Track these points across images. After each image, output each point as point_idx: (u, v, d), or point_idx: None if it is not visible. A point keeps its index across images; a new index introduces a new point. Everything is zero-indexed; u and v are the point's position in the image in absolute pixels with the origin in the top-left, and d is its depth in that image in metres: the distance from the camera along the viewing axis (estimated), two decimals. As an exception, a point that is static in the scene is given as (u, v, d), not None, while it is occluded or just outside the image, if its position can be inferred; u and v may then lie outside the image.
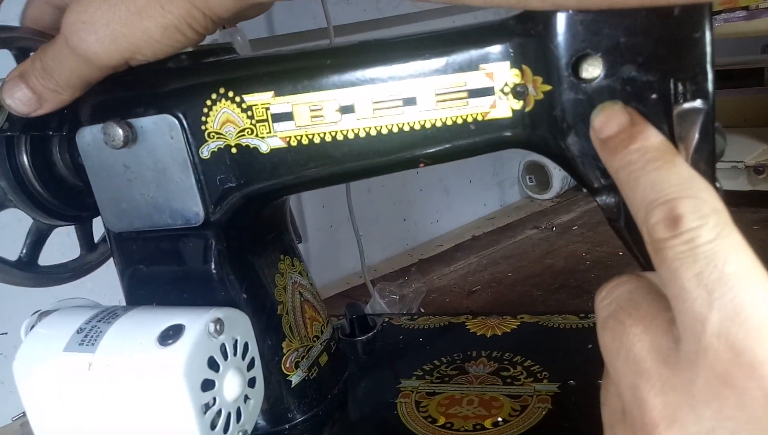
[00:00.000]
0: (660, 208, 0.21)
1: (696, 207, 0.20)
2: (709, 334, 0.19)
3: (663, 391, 0.20)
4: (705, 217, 0.20)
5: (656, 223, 0.21)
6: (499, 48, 0.32)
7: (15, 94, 0.36)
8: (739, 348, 0.19)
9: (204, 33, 0.34)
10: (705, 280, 0.19)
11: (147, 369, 0.35)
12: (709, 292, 0.19)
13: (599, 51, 0.29)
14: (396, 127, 0.35)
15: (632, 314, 0.22)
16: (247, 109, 0.37)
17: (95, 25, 0.33)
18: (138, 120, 0.38)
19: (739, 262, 0.19)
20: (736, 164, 1.04)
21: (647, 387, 0.21)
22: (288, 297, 0.47)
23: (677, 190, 0.21)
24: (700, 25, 0.27)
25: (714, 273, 0.19)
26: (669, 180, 0.22)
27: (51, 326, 0.39)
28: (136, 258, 0.44)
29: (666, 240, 0.20)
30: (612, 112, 0.26)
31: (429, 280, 0.96)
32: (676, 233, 0.20)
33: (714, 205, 0.21)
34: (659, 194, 0.21)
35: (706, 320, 0.19)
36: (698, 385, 0.19)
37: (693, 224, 0.20)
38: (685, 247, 0.20)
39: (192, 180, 0.39)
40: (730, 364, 0.19)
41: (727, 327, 0.19)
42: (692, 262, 0.20)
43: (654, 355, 0.21)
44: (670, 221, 0.21)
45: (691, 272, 0.20)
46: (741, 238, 0.20)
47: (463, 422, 0.43)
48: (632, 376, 0.21)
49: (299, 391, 0.46)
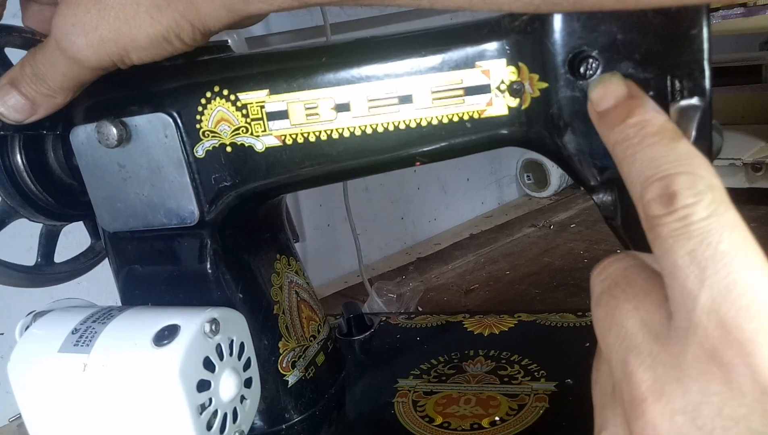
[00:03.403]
0: (655, 185, 0.21)
1: (692, 183, 0.20)
2: (699, 311, 0.19)
3: (652, 366, 0.20)
4: (700, 194, 0.20)
5: (651, 199, 0.21)
6: (496, 45, 0.32)
7: (8, 101, 0.36)
8: (729, 325, 0.19)
9: (192, 44, 0.33)
10: (698, 257, 0.19)
11: (142, 369, 0.35)
12: (702, 269, 0.19)
13: (596, 48, 0.29)
14: (392, 125, 0.35)
15: (626, 290, 0.22)
16: (242, 108, 0.37)
17: (84, 28, 0.32)
18: (132, 119, 0.38)
19: (733, 239, 0.19)
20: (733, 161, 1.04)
21: (637, 362, 0.21)
22: (284, 296, 0.47)
23: (674, 166, 0.21)
24: (697, 22, 0.27)
25: (707, 250, 0.19)
26: (666, 156, 0.21)
27: (46, 327, 0.39)
28: (131, 258, 0.43)
29: (660, 217, 0.20)
30: (610, 84, 0.25)
31: (427, 278, 0.96)
32: (670, 210, 0.20)
33: (710, 181, 0.20)
34: (655, 170, 0.21)
35: (698, 297, 0.19)
36: (687, 361, 0.20)
37: (688, 201, 0.20)
38: (679, 224, 0.20)
39: (187, 179, 0.39)
40: (719, 341, 0.19)
41: (718, 304, 0.19)
42: (686, 240, 0.20)
43: (645, 331, 0.21)
44: (665, 198, 0.20)
45: (684, 249, 0.20)
46: (737, 216, 0.20)
47: (460, 421, 0.43)
48: (623, 352, 0.21)
49: (296, 391, 0.46)
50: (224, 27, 0.33)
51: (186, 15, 0.32)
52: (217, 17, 0.32)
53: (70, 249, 0.49)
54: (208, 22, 0.32)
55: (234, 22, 0.33)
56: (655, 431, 0.20)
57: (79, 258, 0.48)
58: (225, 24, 0.33)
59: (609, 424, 0.23)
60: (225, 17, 0.32)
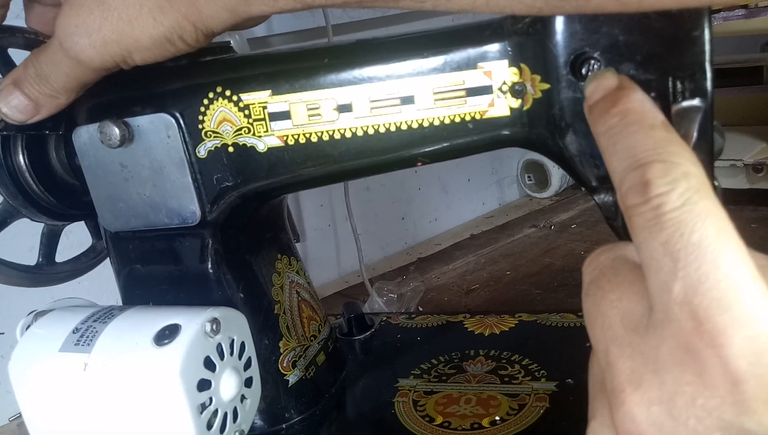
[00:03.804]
0: (632, 174, 0.21)
1: (665, 171, 0.20)
2: (673, 303, 0.19)
3: (632, 356, 0.21)
4: (674, 182, 0.20)
5: (628, 189, 0.21)
6: (498, 46, 0.32)
7: (11, 102, 0.36)
8: (701, 317, 0.19)
9: (195, 45, 0.34)
10: (671, 248, 0.19)
11: (143, 369, 0.35)
12: (675, 260, 0.19)
13: (597, 49, 0.29)
14: (394, 125, 0.35)
15: (611, 281, 0.23)
16: (244, 108, 0.37)
17: (88, 29, 0.33)
18: (134, 119, 0.38)
19: (705, 229, 0.19)
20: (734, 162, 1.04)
21: (618, 352, 0.21)
22: (285, 296, 0.47)
23: (650, 154, 0.21)
24: (699, 24, 0.27)
25: (680, 241, 0.19)
26: (644, 144, 0.21)
27: (47, 326, 0.39)
28: (133, 257, 0.44)
29: (636, 206, 0.20)
30: (602, 78, 0.25)
31: (427, 278, 0.96)
32: (644, 199, 0.20)
33: (685, 169, 0.20)
34: (632, 159, 0.21)
35: (671, 289, 0.19)
36: (663, 352, 0.20)
37: (660, 190, 0.20)
38: (652, 214, 0.20)
39: (189, 179, 0.39)
40: (692, 333, 0.19)
41: (691, 296, 0.19)
42: (659, 230, 0.20)
43: (626, 322, 0.21)
44: (640, 187, 0.20)
45: (658, 240, 0.20)
46: (713, 203, 0.20)
47: (460, 421, 0.43)
48: (606, 342, 0.22)
49: (296, 391, 0.46)
50: (226, 28, 0.33)
51: (188, 16, 0.32)
52: (219, 19, 0.32)
53: (71, 248, 0.49)
54: (210, 24, 0.32)
55: (236, 23, 0.33)
56: (633, 421, 0.20)
57: (80, 258, 0.48)
58: (227, 25, 0.33)
59: (598, 413, 0.23)
60: (227, 19, 0.32)
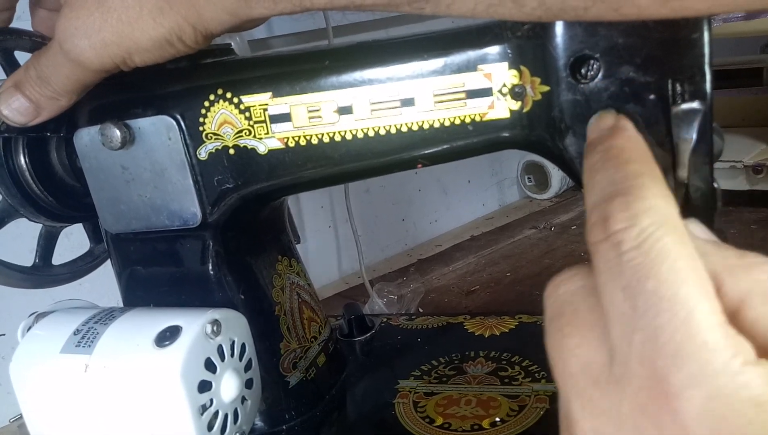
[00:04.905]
0: (597, 209, 0.20)
1: (626, 205, 0.19)
2: (632, 357, 0.18)
3: (593, 415, 0.19)
4: (634, 217, 0.18)
5: (591, 225, 0.20)
6: (498, 49, 0.32)
7: (12, 104, 0.36)
8: (657, 375, 0.17)
9: (195, 47, 0.34)
10: (629, 295, 0.18)
11: (144, 370, 0.35)
12: (633, 309, 0.18)
13: (597, 52, 0.29)
14: (394, 127, 0.35)
15: (570, 322, 0.21)
16: (245, 111, 0.37)
17: (87, 30, 0.33)
18: (135, 121, 0.38)
19: (662, 274, 0.18)
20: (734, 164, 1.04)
21: (579, 408, 0.20)
22: (286, 298, 0.47)
23: (616, 187, 0.20)
24: (698, 26, 0.27)
25: (637, 287, 0.18)
26: (614, 177, 0.20)
27: (48, 328, 0.39)
28: (134, 259, 0.44)
29: (597, 244, 0.19)
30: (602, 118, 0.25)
31: (427, 280, 0.96)
32: (605, 236, 0.19)
33: (650, 202, 0.19)
34: (599, 194, 0.20)
35: (631, 341, 0.18)
36: (623, 412, 0.18)
37: (619, 226, 0.19)
38: (612, 254, 0.19)
39: (190, 181, 0.39)
40: (649, 393, 0.18)
41: (648, 350, 0.17)
42: (618, 274, 0.18)
43: (586, 373, 0.20)
44: (601, 222, 0.19)
45: (617, 286, 0.18)
46: (676, 239, 0.18)
47: (461, 422, 0.43)
48: (567, 391, 0.20)
49: (297, 392, 0.46)
50: (226, 30, 0.33)
51: (188, 18, 0.32)
52: (219, 20, 0.32)
53: (72, 250, 0.49)
54: (210, 26, 0.32)
55: (236, 25, 0.33)
56: None
57: (77, 261, 0.48)
58: (227, 27, 0.33)
59: None
60: (227, 20, 0.32)
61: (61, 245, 0.47)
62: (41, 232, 0.46)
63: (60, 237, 0.47)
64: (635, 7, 0.23)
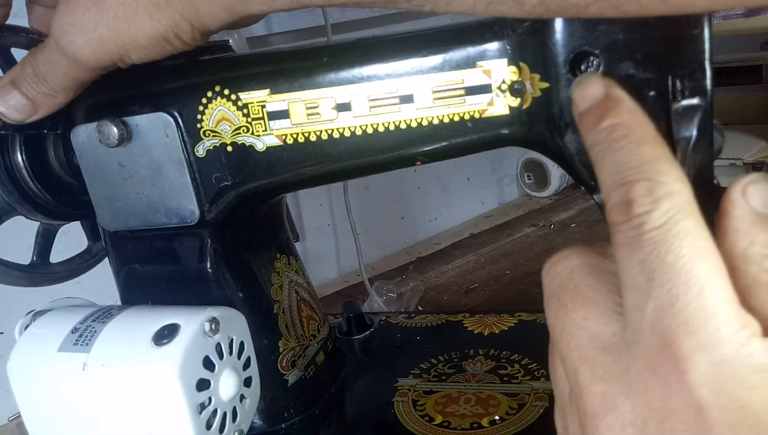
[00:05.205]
0: (616, 192, 0.21)
1: (649, 190, 0.20)
2: (644, 324, 0.19)
3: (604, 379, 0.20)
4: (656, 202, 0.19)
5: (612, 207, 0.21)
6: (497, 45, 0.32)
7: (8, 101, 0.36)
8: (668, 340, 0.18)
9: (192, 43, 0.33)
10: (647, 267, 0.19)
11: (142, 368, 0.35)
12: (649, 280, 0.19)
13: (597, 48, 0.29)
14: (393, 124, 0.35)
15: (573, 298, 0.22)
16: (242, 107, 0.37)
17: (83, 27, 0.32)
18: (133, 118, 0.38)
19: (682, 250, 0.19)
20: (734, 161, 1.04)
21: (589, 374, 0.21)
22: (284, 296, 0.47)
23: (635, 172, 0.20)
24: (698, 22, 0.27)
25: (655, 261, 0.19)
26: (630, 161, 0.21)
27: (45, 326, 0.39)
28: (132, 257, 0.43)
29: (618, 224, 0.20)
30: (589, 84, 0.24)
31: (427, 278, 0.96)
32: (627, 218, 0.20)
33: (670, 188, 0.20)
34: (618, 177, 0.21)
35: (644, 309, 0.19)
36: (632, 375, 0.20)
37: (642, 209, 0.20)
38: (633, 233, 0.20)
39: (187, 178, 0.39)
40: (659, 356, 0.19)
41: (660, 318, 0.19)
42: (637, 249, 0.19)
43: (595, 342, 0.21)
44: (624, 205, 0.20)
45: (635, 259, 0.19)
46: (695, 223, 0.19)
47: (460, 421, 0.43)
48: (574, 361, 0.21)
49: (296, 390, 0.46)
50: (223, 27, 0.33)
51: (185, 15, 0.32)
52: (216, 17, 0.32)
53: (69, 248, 0.49)
54: (207, 22, 0.32)
55: (233, 22, 0.33)
56: None
57: (74, 259, 0.48)
58: (224, 24, 0.33)
59: (570, 430, 0.22)
60: (224, 17, 0.32)
61: (59, 243, 0.47)
62: (39, 230, 0.46)
63: (58, 235, 0.47)
64: (637, 4, 0.22)
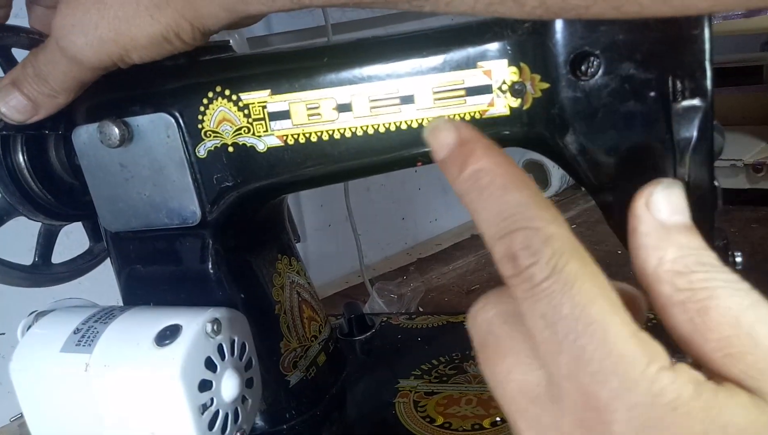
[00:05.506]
0: (498, 245, 0.20)
1: (527, 241, 0.20)
2: (563, 378, 0.19)
3: (539, 431, 0.20)
4: (537, 253, 0.19)
5: (499, 260, 0.20)
6: (497, 46, 0.32)
7: (9, 102, 0.36)
8: (587, 392, 0.19)
9: (192, 43, 0.33)
10: (548, 321, 0.19)
11: (144, 369, 0.35)
12: (554, 333, 0.19)
13: (597, 48, 0.29)
14: (393, 125, 0.35)
15: (496, 351, 0.22)
16: (243, 108, 0.37)
17: (84, 27, 0.32)
18: (134, 119, 0.38)
19: (574, 298, 0.19)
20: (734, 162, 1.04)
21: (525, 426, 0.21)
22: (286, 297, 0.47)
23: (509, 223, 0.20)
24: (698, 23, 0.27)
25: (555, 314, 0.19)
26: (501, 211, 0.21)
27: (48, 327, 0.39)
28: (133, 258, 0.44)
29: (510, 278, 0.20)
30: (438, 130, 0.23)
31: (428, 279, 0.96)
32: (516, 272, 0.20)
33: (545, 232, 0.20)
34: (496, 228, 0.21)
35: (558, 363, 0.19)
36: (565, 426, 0.20)
37: (527, 261, 0.19)
38: (526, 286, 0.20)
39: (189, 179, 0.39)
40: (583, 408, 0.19)
41: (574, 371, 0.19)
42: (535, 302, 0.19)
43: (524, 395, 0.21)
44: (509, 259, 0.20)
45: (537, 313, 0.19)
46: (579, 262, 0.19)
47: (461, 422, 0.43)
48: (512, 414, 0.22)
49: (297, 391, 0.46)
50: (223, 27, 0.33)
51: (185, 14, 0.32)
52: (216, 17, 0.32)
53: (71, 249, 0.49)
54: (207, 22, 0.32)
55: (233, 22, 0.33)
56: None
57: (76, 260, 0.48)
58: (224, 24, 0.33)
59: None
60: (224, 17, 0.32)
61: (61, 244, 0.47)
62: (40, 230, 0.46)
63: (59, 236, 0.47)
64: (637, 5, 0.23)
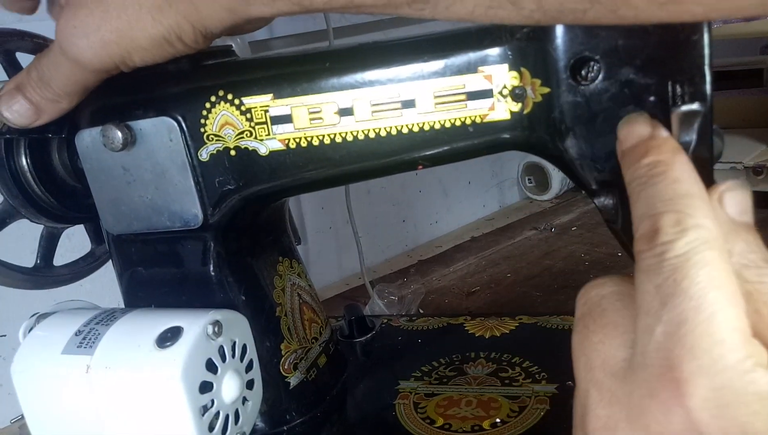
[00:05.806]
0: (645, 222, 0.21)
1: (677, 221, 0.20)
2: (652, 346, 0.19)
3: (609, 403, 0.21)
4: (683, 232, 0.20)
5: (639, 236, 0.21)
6: (498, 50, 0.32)
7: (12, 106, 0.36)
8: (672, 363, 0.19)
9: (194, 46, 0.34)
10: (662, 292, 0.19)
11: (145, 371, 0.35)
12: (662, 304, 0.19)
13: (597, 53, 0.29)
14: (395, 129, 0.35)
15: (596, 321, 0.23)
16: (246, 112, 0.37)
17: (86, 30, 0.33)
18: (137, 122, 0.38)
19: (698, 277, 0.19)
20: (734, 165, 1.04)
21: (597, 397, 0.21)
22: (287, 299, 0.47)
23: (666, 204, 0.21)
24: (698, 27, 0.27)
25: (671, 286, 0.19)
26: (663, 194, 0.21)
27: (49, 329, 0.39)
28: (135, 260, 0.44)
29: (642, 252, 0.20)
30: (635, 123, 0.25)
31: (428, 281, 0.96)
32: (650, 246, 0.20)
33: (698, 221, 0.20)
34: (649, 209, 0.21)
35: (653, 332, 0.19)
36: (635, 398, 0.20)
37: (667, 238, 0.20)
38: (654, 260, 0.20)
39: (191, 182, 0.39)
40: (661, 379, 0.19)
41: (667, 341, 0.19)
42: (655, 274, 0.20)
43: (606, 366, 0.21)
44: (650, 234, 0.20)
45: (652, 284, 0.20)
46: (717, 255, 0.19)
47: (461, 423, 0.43)
48: (586, 383, 0.22)
49: (298, 393, 0.46)
50: (225, 30, 0.33)
51: (187, 16, 0.32)
52: (218, 19, 0.32)
53: (73, 251, 0.49)
54: (209, 24, 0.32)
55: (235, 24, 0.33)
56: None
57: (78, 262, 0.48)
58: (226, 26, 0.33)
59: None
60: (226, 19, 0.32)
61: (63, 246, 0.47)
62: (42, 233, 0.46)
63: (61, 238, 0.47)
64: (632, 9, 0.23)
